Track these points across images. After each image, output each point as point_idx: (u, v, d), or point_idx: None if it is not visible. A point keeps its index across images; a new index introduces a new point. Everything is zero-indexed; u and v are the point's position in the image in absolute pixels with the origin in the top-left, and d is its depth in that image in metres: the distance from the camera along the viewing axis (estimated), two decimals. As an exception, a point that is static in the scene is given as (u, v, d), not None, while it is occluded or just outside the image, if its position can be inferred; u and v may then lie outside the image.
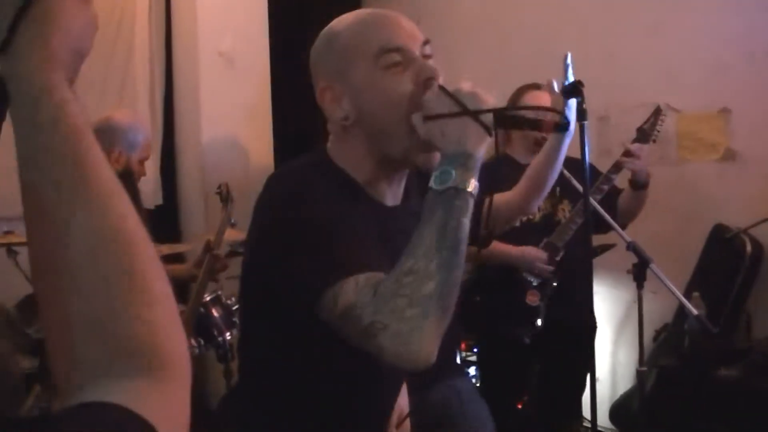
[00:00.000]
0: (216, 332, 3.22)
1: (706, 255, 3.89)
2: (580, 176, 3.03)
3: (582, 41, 4.25)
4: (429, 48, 1.45)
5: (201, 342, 3.18)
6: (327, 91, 1.45)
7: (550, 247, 3.16)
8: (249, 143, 4.41)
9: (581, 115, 2.26)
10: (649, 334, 3.84)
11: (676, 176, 4.09)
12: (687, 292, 3.39)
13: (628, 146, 3.14)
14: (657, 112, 3.22)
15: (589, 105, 2.36)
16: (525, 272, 3.16)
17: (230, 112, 4.34)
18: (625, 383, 4.16)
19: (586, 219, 2.29)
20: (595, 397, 2.19)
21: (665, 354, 3.70)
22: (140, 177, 3.07)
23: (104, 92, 4.26)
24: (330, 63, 1.46)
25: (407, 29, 1.44)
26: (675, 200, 4.06)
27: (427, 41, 1.45)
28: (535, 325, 3.12)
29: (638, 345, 2.85)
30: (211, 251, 3.17)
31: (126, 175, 2.95)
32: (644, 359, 2.88)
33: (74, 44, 0.73)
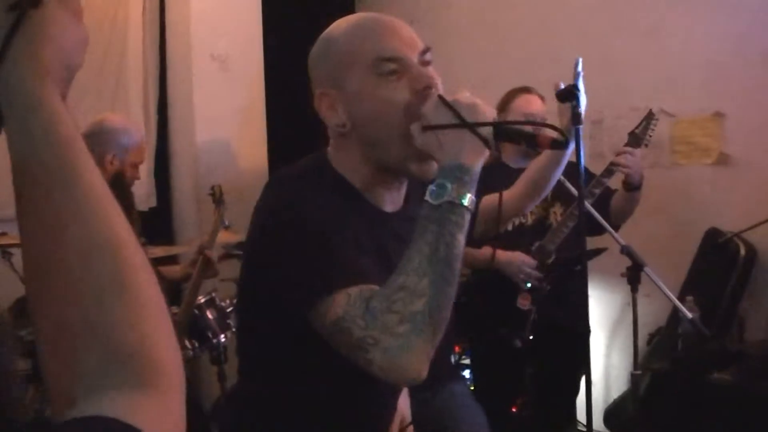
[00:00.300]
0: (210, 334, 3.21)
1: (700, 259, 3.90)
2: (574, 179, 3.04)
3: (576, 44, 4.25)
4: (429, 55, 1.43)
5: (195, 344, 3.17)
6: (324, 98, 1.44)
7: (542, 251, 3.16)
8: (243, 146, 4.41)
9: (576, 119, 2.27)
10: (643, 338, 3.84)
11: (670, 180, 4.10)
12: (681, 296, 3.40)
13: (618, 154, 3.14)
14: (649, 117, 3.23)
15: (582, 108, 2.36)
16: (513, 277, 3.15)
17: (224, 115, 4.33)
18: (619, 387, 4.17)
19: (580, 222, 2.29)
20: (591, 401, 2.19)
21: (659, 357, 3.70)
22: (134, 180, 3.06)
23: (98, 95, 4.25)
24: (326, 69, 1.45)
25: (405, 37, 1.42)
26: (669, 204, 4.06)
27: (427, 49, 1.43)
28: (527, 329, 3.12)
29: (632, 348, 2.85)
30: (204, 253, 3.17)
31: (119, 179, 2.94)
32: (638, 363, 2.88)
33: (66, 59, 0.74)
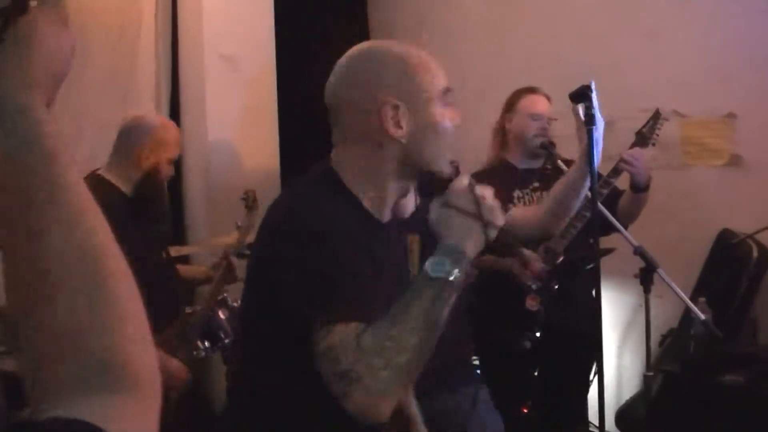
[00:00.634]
0: (222, 334, 3.22)
1: (712, 260, 3.89)
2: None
3: (586, 46, 4.26)
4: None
5: (207, 345, 3.18)
6: (389, 108, 1.54)
7: (550, 253, 3.15)
8: (254, 147, 4.42)
9: (589, 120, 2.27)
10: (655, 339, 3.84)
11: (681, 182, 4.09)
12: (693, 297, 3.38)
13: (624, 154, 3.14)
14: (656, 116, 3.22)
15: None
16: (523, 275, 3.14)
17: (236, 116, 4.34)
18: (631, 388, 4.16)
19: (594, 222, 2.29)
20: (603, 402, 2.18)
21: (671, 359, 3.69)
22: (167, 176, 3.06)
23: (109, 96, 4.27)
24: (402, 84, 1.56)
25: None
26: (680, 206, 4.05)
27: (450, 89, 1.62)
28: (535, 330, 3.11)
29: (645, 350, 2.84)
30: (228, 258, 3.18)
31: (154, 174, 2.95)
32: (650, 364, 2.88)
33: (52, 67, 0.74)
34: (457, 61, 4.49)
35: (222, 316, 3.22)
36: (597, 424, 2.44)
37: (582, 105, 2.30)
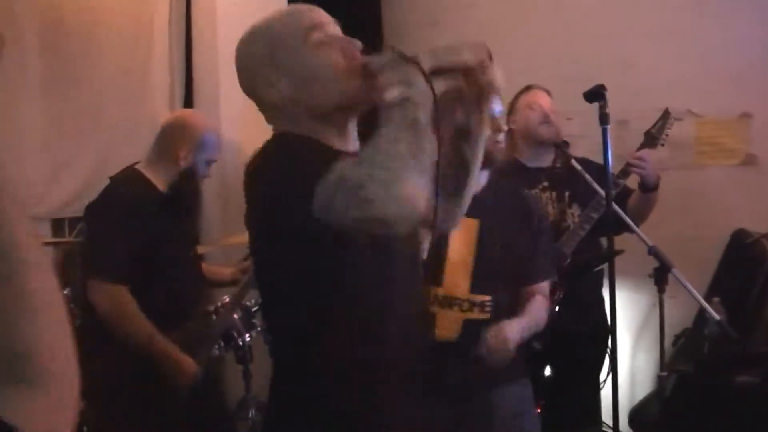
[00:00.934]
0: (235, 333, 3.22)
1: (726, 260, 3.87)
2: (596, 179, 3.03)
3: (601, 46, 4.25)
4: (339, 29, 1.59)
5: (220, 344, 3.18)
6: (256, 79, 1.61)
7: (558, 254, 3.14)
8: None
9: (603, 119, 2.26)
10: (668, 339, 3.82)
11: (696, 181, 4.08)
12: (707, 298, 3.37)
13: (630, 158, 3.13)
14: (665, 116, 3.20)
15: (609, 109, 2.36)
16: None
17: (250, 117, 4.32)
18: (644, 388, 4.14)
19: (608, 223, 2.28)
20: (617, 403, 2.18)
21: (684, 359, 3.67)
22: (204, 178, 3.07)
23: (123, 94, 4.28)
24: (260, 52, 1.61)
25: (320, 13, 1.60)
26: (694, 205, 4.04)
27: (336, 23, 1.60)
28: (545, 331, 3.10)
29: (659, 350, 2.83)
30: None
31: (190, 174, 2.96)
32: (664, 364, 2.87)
33: None
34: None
35: (235, 316, 3.22)
36: (611, 425, 2.43)
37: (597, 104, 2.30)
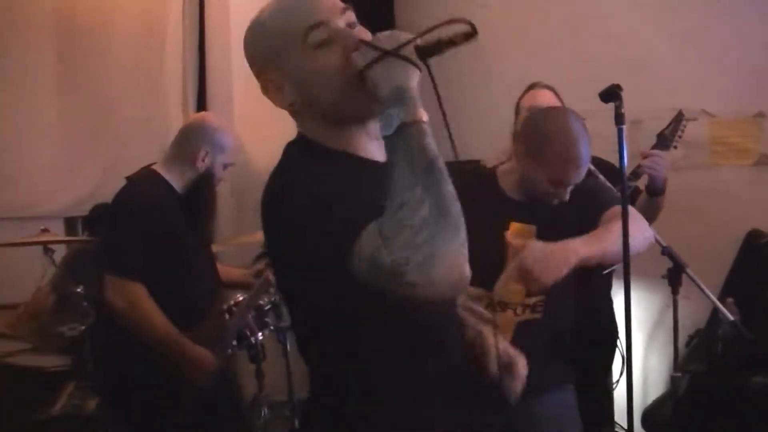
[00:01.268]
0: (248, 332, 3.23)
1: (740, 260, 3.86)
2: (612, 180, 3.02)
3: (614, 46, 4.24)
4: (352, 15, 1.47)
5: (233, 342, 3.19)
6: (268, 82, 1.49)
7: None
8: (281, 145, 4.40)
9: (619, 120, 2.25)
10: (681, 340, 3.81)
11: (709, 181, 4.06)
12: (720, 298, 3.36)
13: (645, 156, 3.11)
14: (678, 118, 3.18)
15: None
16: None
17: (263, 115, 4.34)
18: (657, 389, 4.13)
19: (624, 224, 2.26)
20: (632, 403, 2.17)
21: (698, 360, 3.66)
22: (219, 181, 3.07)
23: (136, 92, 4.30)
24: (262, 53, 1.50)
25: (326, 2, 1.46)
26: (708, 206, 4.03)
27: (347, 8, 1.46)
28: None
29: (672, 350, 2.83)
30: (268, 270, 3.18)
31: (207, 177, 2.97)
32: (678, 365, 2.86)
33: None
34: (486, 60, 4.48)
35: (249, 316, 3.23)
36: (624, 426, 2.42)
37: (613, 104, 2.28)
